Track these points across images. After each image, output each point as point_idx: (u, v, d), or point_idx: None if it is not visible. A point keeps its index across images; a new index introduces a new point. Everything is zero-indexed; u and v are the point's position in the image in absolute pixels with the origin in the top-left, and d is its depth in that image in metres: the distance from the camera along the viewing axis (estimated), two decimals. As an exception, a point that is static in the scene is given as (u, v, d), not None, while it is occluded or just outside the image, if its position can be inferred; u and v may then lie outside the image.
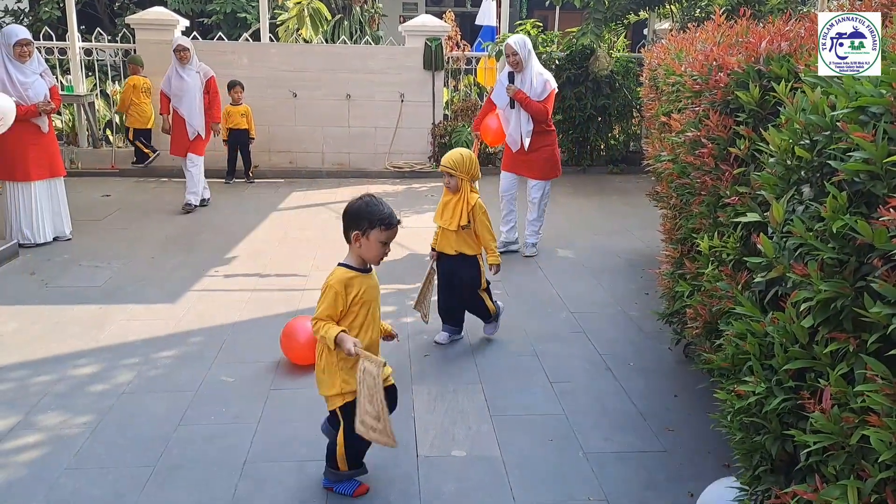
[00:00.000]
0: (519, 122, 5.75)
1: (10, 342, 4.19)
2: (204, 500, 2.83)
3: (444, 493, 2.91)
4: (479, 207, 4.06)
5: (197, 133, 7.53)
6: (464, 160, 4.01)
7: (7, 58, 5.85)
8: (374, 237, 2.68)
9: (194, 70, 7.44)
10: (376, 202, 2.71)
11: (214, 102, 7.60)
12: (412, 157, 9.73)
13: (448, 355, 4.18)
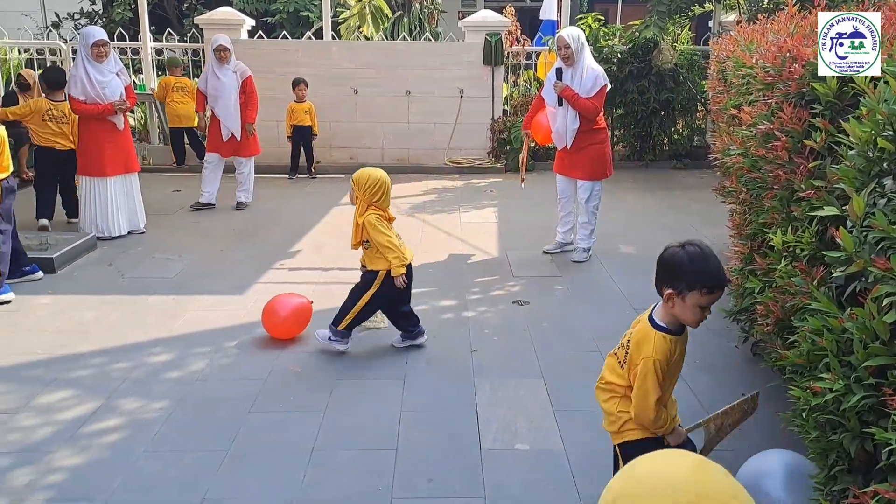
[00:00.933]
0: (566, 119, 5.57)
1: (91, 330, 4.40)
2: (275, 486, 2.92)
3: (509, 485, 2.93)
4: (369, 224, 3.89)
5: (231, 134, 7.41)
6: (363, 179, 3.90)
7: (86, 58, 6.11)
8: (693, 301, 2.15)
9: (231, 70, 7.34)
10: (701, 256, 2.16)
11: (251, 102, 7.46)
12: (471, 152, 9.75)
13: (509, 350, 4.19)
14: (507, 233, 6.63)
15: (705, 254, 2.16)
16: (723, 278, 2.16)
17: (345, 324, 4.04)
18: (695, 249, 2.17)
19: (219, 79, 7.27)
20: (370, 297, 4.02)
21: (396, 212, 7.44)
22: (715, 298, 2.18)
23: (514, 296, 5.03)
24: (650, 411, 2.23)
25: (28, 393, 3.63)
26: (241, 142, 7.51)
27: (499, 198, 8.07)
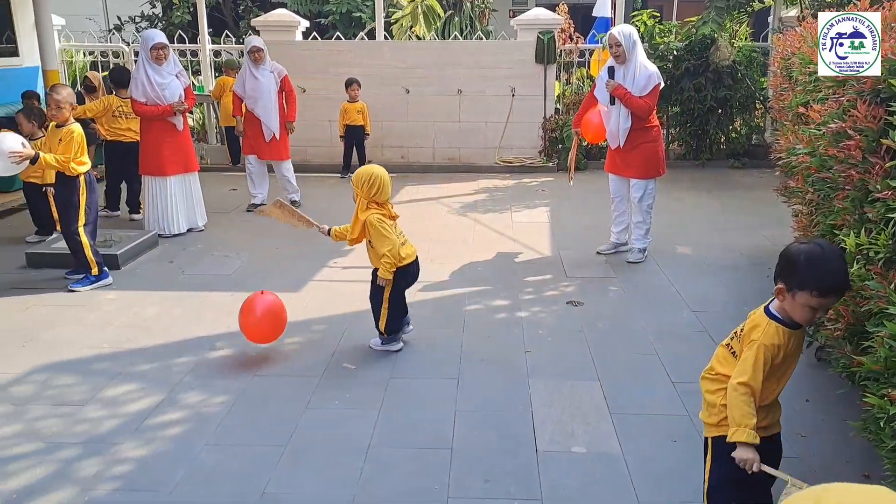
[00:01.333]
0: (618, 118, 5.48)
1: (154, 325, 4.52)
2: (333, 481, 2.96)
3: (565, 487, 2.90)
4: (370, 224, 3.95)
5: (273, 135, 7.34)
6: (361, 176, 3.98)
7: (146, 61, 6.28)
8: (803, 300, 2.10)
9: (268, 70, 7.27)
10: (820, 258, 2.08)
11: (290, 101, 7.47)
12: (522, 151, 9.70)
13: (563, 351, 4.15)
14: (560, 232, 6.57)
15: (826, 256, 2.08)
16: (839, 284, 2.08)
17: (384, 327, 4.10)
18: (815, 249, 2.10)
19: (256, 79, 7.20)
20: (390, 297, 4.06)
21: (447, 211, 7.50)
22: (829, 303, 2.12)
23: (567, 296, 4.98)
24: (732, 390, 2.17)
25: (95, 385, 3.75)
26: (280, 144, 7.43)
27: (551, 197, 8.00)
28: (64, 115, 4.99)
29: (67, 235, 5.10)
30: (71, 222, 5.04)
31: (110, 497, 2.85)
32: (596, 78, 5.84)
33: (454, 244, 6.26)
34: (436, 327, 4.49)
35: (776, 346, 2.16)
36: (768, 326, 2.18)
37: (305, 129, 9.71)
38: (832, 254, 2.10)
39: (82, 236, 5.05)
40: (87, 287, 5.10)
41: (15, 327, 4.48)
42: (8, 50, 9.24)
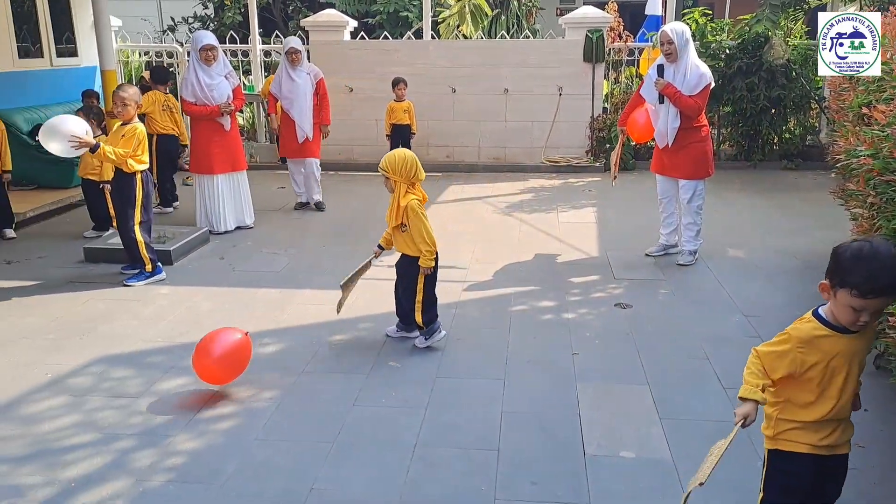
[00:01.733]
0: (667, 117, 5.39)
1: (206, 320, 4.61)
2: (381, 478, 2.97)
3: (614, 493, 2.87)
4: (412, 210, 3.98)
5: (306, 136, 7.26)
6: (396, 162, 3.96)
7: (196, 62, 6.42)
8: (844, 300, 1.99)
9: (305, 72, 7.22)
10: (867, 255, 1.96)
11: (324, 104, 7.36)
12: (569, 151, 9.62)
13: (611, 354, 4.10)
14: (608, 233, 6.50)
15: (874, 254, 1.94)
16: (882, 284, 1.93)
17: (420, 318, 4.13)
18: (863, 246, 1.98)
19: (293, 80, 7.14)
20: (424, 285, 4.11)
21: (493, 210, 7.48)
22: (872, 305, 1.97)
23: (615, 298, 4.92)
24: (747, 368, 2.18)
25: (149, 378, 3.84)
26: (309, 144, 7.34)
27: (598, 198, 7.92)
28: (129, 112, 5.12)
29: (123, 232, 5.23)
30: (127, 220, 5.18)
31: (164, 488, 2.92)
32: (644, 77, 5.74)
33: (499, 244, 6.24)
34: (481, 327, 4.49)
35: (805, 340, 2.08)
36: (805, 320, 2.12)
37: (352, 128, 9.81)
38: (883, 253, 1.94)
39: (138, 234, 5.18)
40: (141, 282, 5.23)
41: (73, 320, 4.62)
42: (68, 50, 9.54)
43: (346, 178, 9.26)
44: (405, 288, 4.18)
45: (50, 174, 7.99)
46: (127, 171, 5.10)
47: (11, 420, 3.43)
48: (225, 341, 3.66)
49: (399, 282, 4.24)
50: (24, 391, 3.70)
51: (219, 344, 3.63)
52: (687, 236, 5.60)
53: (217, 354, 3.60)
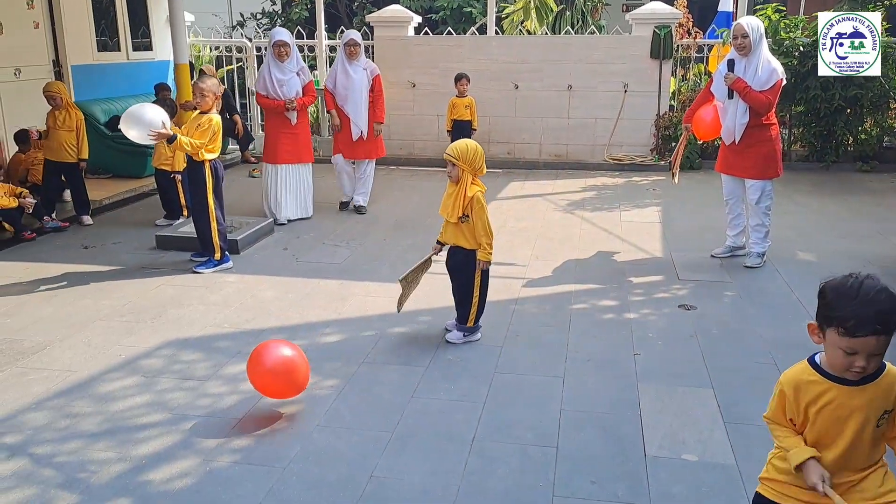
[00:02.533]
0: (735, 113, 5.23)
1: (271, 308, 4.72)
2: (438, 471, 2.99)
3: (675, 495, 2.82)
4: (478, 201, 3.94)
5: (361, 134, 7.03)
6: (468, 150, 3.92)
7: (270, 57, 6.58)
8: (832, 340, 1.81)
9: (361, 67, 6.97)
10: (852, 290, 1.77)
11: (379, 102, 7.08)
12: (633, 149, 9.47)
13: (674, 355, 4.02)
14: (672, 233, 6.38)
15: (861, 288, 1.75)
16: (870, 321, 1.71)
17: (472, 319, 4.15)
18: (847, 280, 1.79)
19: (349, 76, 6.88)
20: (481, 282, 4.11)
21: (554, 208, 7.43)
22: (863, 346, 1.75)
23: (679, 299, 4.83)
24: (776, 439, 2.02)
25: (217, 363, 3.96)
26: (368, 143, 7.13)
27: (662, 197, 7.78)
28: (207, 103, 5.27)
29: (196, 219, 5.40)
30: (201, 208, 5.33)
31: (229, 469, 3.01)
32: (714, 73, 5.60)
33: (560, 242, 6.19)
34: (541, 325, 4.47)
35: (795, 383, 1.90)
36: (797, 366, 1.94)
37: (413, 123, 9.88)
38: (871, 287, 1.75)
39: (212, 221, 5.33)
40: (209, 270, 5.39)
41: (145, 304, 4.79)
42: (143, 44, 9.88)
43: (407, 174, 9.33)
44: (461, 284, 4.16)
45: (125, 164, 8.31)
46: (196, 160, 5.25)
47: (87, 398, 3.59)
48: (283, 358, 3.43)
49: (453, 278, 4.22)
50: (99, 371, 3.87)
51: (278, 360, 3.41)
52: (755, 238, 5.45)
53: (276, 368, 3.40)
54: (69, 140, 6.54)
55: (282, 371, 3.39)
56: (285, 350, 3.45)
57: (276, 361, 3.39)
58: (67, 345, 4.17)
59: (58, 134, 6.51)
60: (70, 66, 8.49)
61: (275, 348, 3.44)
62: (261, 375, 3.40)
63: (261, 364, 3.38)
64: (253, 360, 3.42)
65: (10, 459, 3.07)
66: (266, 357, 3.39)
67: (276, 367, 3.38)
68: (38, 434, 3.26)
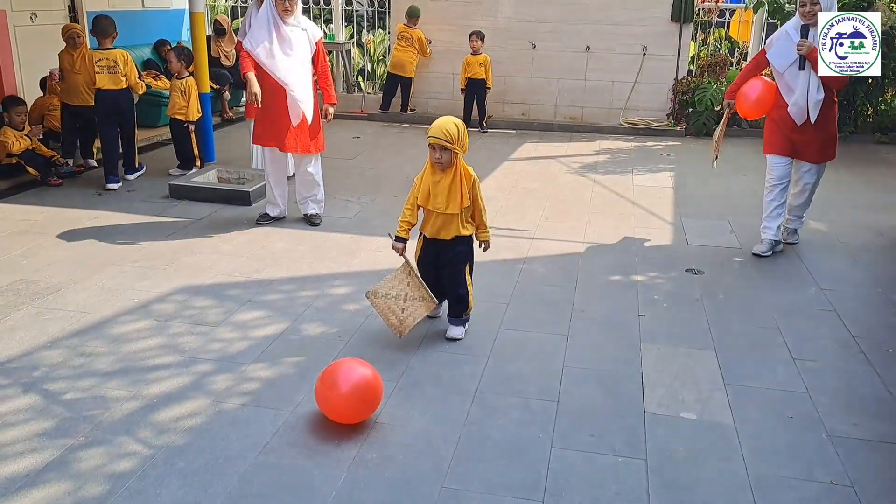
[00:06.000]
0: (807, 87, 4.62)
1: (281, 259, 4.78)
2: (441, 419, 3.07)
3: (672, 451, 2.88)
4: (476, 184, 3.60)
5: (302, 118, 5.24)
6: (459, 130, 3.45)
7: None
8: None
9: (300, 27, 5.19)
10: None
11: (324, 76, 5.36)
12: (649, 113, 9.38)
13: (679, 318, 4.06)
14: (684, 199, 6.36)
15: None
16: None
17: (470, 308, 3.79)
18: None
19: (284, 37, 5.09)
20: (470, 268, 3.78)
21: (566, 170, 7.40)
22: None
23: (687, 263, 4.85)
24: None
25: (227, 310, 4.03)
26: (312, 131, 5.34)
27: (676, 162, 7.74)
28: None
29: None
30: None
31: (238, 411, 3.09)
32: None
33: (571, 203, 6.20)
34: (547, 284, 4.50)
35: None
36: None
37: (428, 82, 9.82)
38: None
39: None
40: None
41: (158, 251, 4.86)
42: (159, -7, 9.81)
43: (420, 132, 9.29)
44: (454, 274, 3.71)
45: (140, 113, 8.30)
46: None
47: (101, 338, 3.68)
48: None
49: (447, 272, 3.71)
50: (113, 313, 3.95)
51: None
52: (795, 214, 5.12)
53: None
54: (87, 83, 6.48)
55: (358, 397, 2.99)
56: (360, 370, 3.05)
57: (352, 387, 2.98)
58: (81, 287, 4.25)
59: (74, 77, 6.50)
60: (86, 12, 8.45)
61: (350, 371, 3.04)
62: (334, 401, 2.99)
63: (336, 389, 2.99)
64: (326, 383, 3.02)
65: (27, 394, 3.16)
66: (342, 382, 2.99)
67: (352, 394, 2.98)
68: (53, 371, 3.35)
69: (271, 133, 5.27)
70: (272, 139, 5.29)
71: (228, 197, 5.95)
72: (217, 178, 6.36)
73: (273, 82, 5.10)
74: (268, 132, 5.29)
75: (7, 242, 4.93)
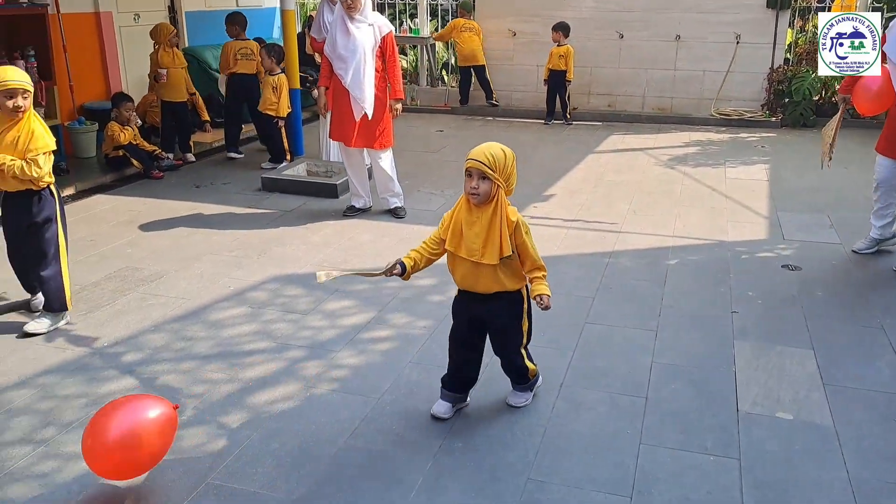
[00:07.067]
0: None
1: (367, 250, 4.88)
2: (525, 412, 3.06)
3: (767, 451, 2.78)
4: (523, 224, 2.82)
5: (364, 113, 5.26)
6: (506, 160, 2.76)
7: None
8: None
9: (366, 22, 5.18)
10: None
11: (392, 70, 5.31)
12: (742, 104, 9.05)
13: (774, 315, 3.91)
14: (780, 192, 6.11)
15: None
16: None
17: (533, 370, 3.10)
18: None
19: (349, 35, 5.14)
20: (529, 328, 3.01)
21: (654, 163, 7.23)
22: None
23: (783, 259, 4.66)
24: None
25: (317, 298, 4.15)
26: (374, 126, 5.34)
27: (772, 154, 7.44)
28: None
29: None
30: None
31: (328, 396, 3.18)
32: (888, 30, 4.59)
33: (659, 196, 6.05)
34: (634, 279, 4.42)
35: None
36: None
37: (511, 73, 9.78)
38: None
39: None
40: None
41: (251, 241, 5.05)
42: (251, -8, 10.15)
43: (503, 125, 9.29)
44: (502, 343, 3.00)
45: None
46: None
47: (199, 324, 3.85)
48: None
49: (494, 338, 3.00)
50: (211, 300, 4.13)
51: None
52: None
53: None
54: (186, 78, 7.04)
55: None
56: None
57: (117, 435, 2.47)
58: (182, 275, 4.46)
59: (174, 73, 6.87)
60: (184, 12, 8.84)
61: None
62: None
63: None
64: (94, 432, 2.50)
65: (133, 374, 3.36)
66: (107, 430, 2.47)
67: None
68: (157, 353, 3.54)
69: (339, 128, 5.44)
70: (340, 134, 5.44)
71: (317, 190, 6.12)
72: (306, 171, 6.55)
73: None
74: (337, 127, 5.46)
75: (115, 231, 5.23)
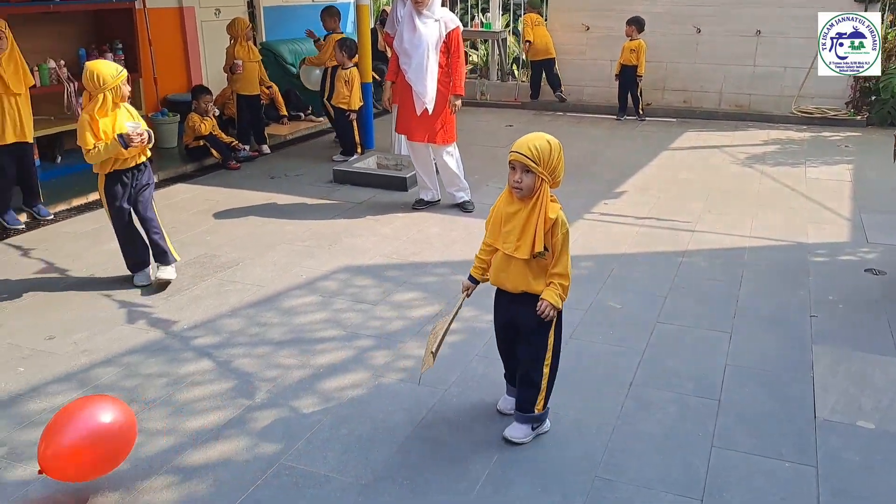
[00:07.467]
0: None
1: (435, 243, 4.91)
2: (595, 409, 3.04)
3: (846, 460, 2.68)
4: (563, 224, 2.65)
5: (425, 108, 5.33)
6: (551, 152, 2.62)
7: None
8: None
9: (433, 18, 5.22)
10: None
11: (455, 66, 5.32)
12: (825, 101, 8.69)
13: (856, 320, 3.75)
14: (864, 193, 5.86)
15: None
16: None
17: (543, 401, 2.83)
18: None
19: (416, 30, 5.21)
20: (555, 342, 2.80)
21: (731, 161, 7.03)
22: None
23: (866, 263, 4.47)
24: None
25: (386, 290, 4.21)
26: (433, 121, 5.38)
27: (856, 154, 7.13)
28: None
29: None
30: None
31: (395, 385, 3.23)
32: None
33: (736, 195, 5.88)
34: (708, 279, 4.32)
35: None
36: None
37: (583, 68, 9.66)
38: None
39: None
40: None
41: (323, 232, 5.15)
42: (327, -13, 10.31)
43: (573, 119, 9.19)
44: (531, 350, 2.78)
45: (308, 102, 8.83)
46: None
47: (274, 310, 3.96)
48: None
49: (519, 340, 2.84)
50: (284, 287, 4.24)
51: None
52: None
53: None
54: (260, 72, 7.29)
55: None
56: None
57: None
58: (257, 263, 4.59)
59: (250, 67, 7.09)
60: (262, 7, 9.07)
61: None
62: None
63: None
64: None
65: (210, 357, 3.48)
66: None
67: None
68: (233, 337, 3.66)
69: (403, 122, 5.55)
70: (404, 127, 5.56)
71: (386, 182, 6.19)
72: (376, 164, 6.63)
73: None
74: (402, 121, 5.60)
75: (194, 219, 5.42)
